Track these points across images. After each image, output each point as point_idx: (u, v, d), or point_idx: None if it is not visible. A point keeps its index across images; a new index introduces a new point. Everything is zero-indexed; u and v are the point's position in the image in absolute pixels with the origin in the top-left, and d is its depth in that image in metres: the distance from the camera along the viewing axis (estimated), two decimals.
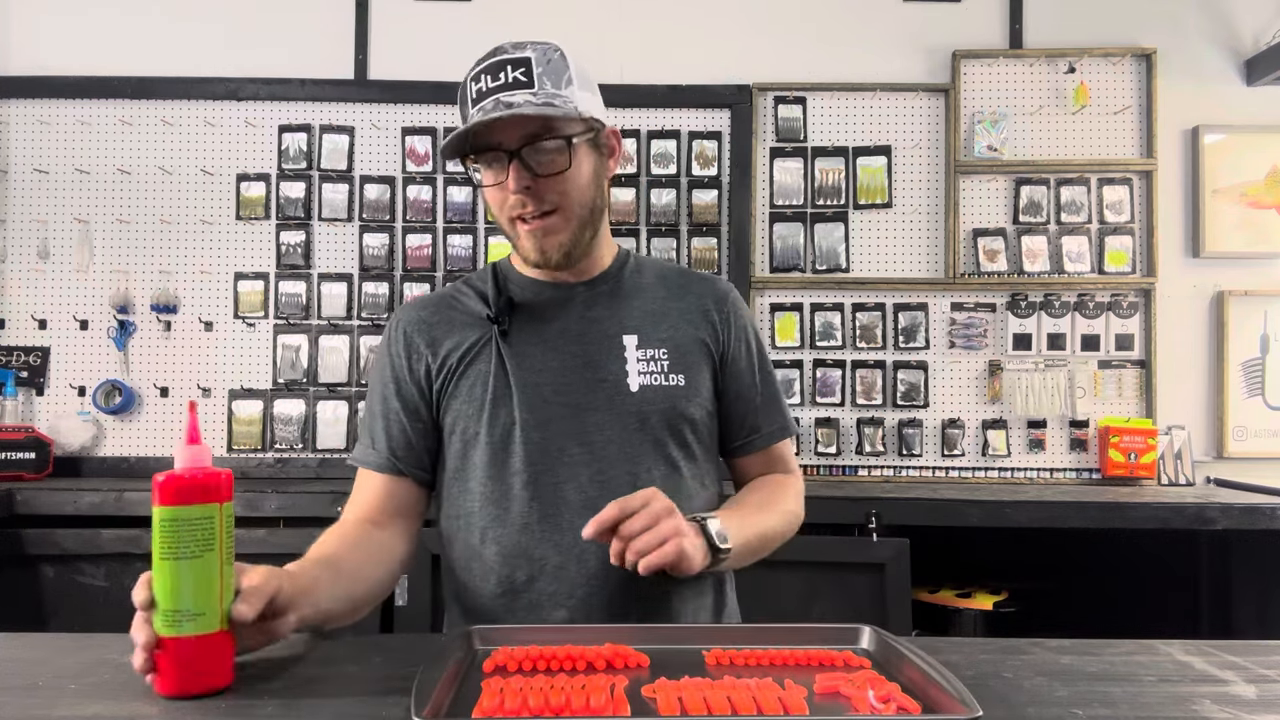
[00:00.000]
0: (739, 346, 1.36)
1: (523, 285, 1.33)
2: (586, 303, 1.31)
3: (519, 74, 1.19)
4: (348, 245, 3.12)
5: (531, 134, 1.19)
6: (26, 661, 1.02)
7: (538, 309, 1.30)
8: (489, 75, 1.21)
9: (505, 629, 1.09)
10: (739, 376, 1.35)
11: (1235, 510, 2.52)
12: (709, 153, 3.13)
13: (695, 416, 1.30)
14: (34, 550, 2.53)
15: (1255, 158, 3.11)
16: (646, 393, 1.26)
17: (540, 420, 1.24)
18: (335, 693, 0.94)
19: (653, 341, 1.29)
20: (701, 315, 1.34)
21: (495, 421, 1.25)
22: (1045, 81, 3.14)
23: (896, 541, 2.53)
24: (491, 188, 1.23)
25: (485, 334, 1.29)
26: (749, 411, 1.36)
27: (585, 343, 1.28)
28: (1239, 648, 1.11)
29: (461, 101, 1.25)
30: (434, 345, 1.30)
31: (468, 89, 1.24)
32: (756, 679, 0.93)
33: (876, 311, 3.11)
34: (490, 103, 1.19)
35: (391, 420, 1.29)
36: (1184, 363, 3.12)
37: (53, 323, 3.09)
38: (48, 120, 3.10)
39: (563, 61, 1.23)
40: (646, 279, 1.36)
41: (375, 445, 1.30)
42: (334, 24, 3.15)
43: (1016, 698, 0.93)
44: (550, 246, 1.24)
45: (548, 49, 1.23)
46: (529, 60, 1.20)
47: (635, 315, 1.31)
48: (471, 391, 1.27)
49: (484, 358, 1.27)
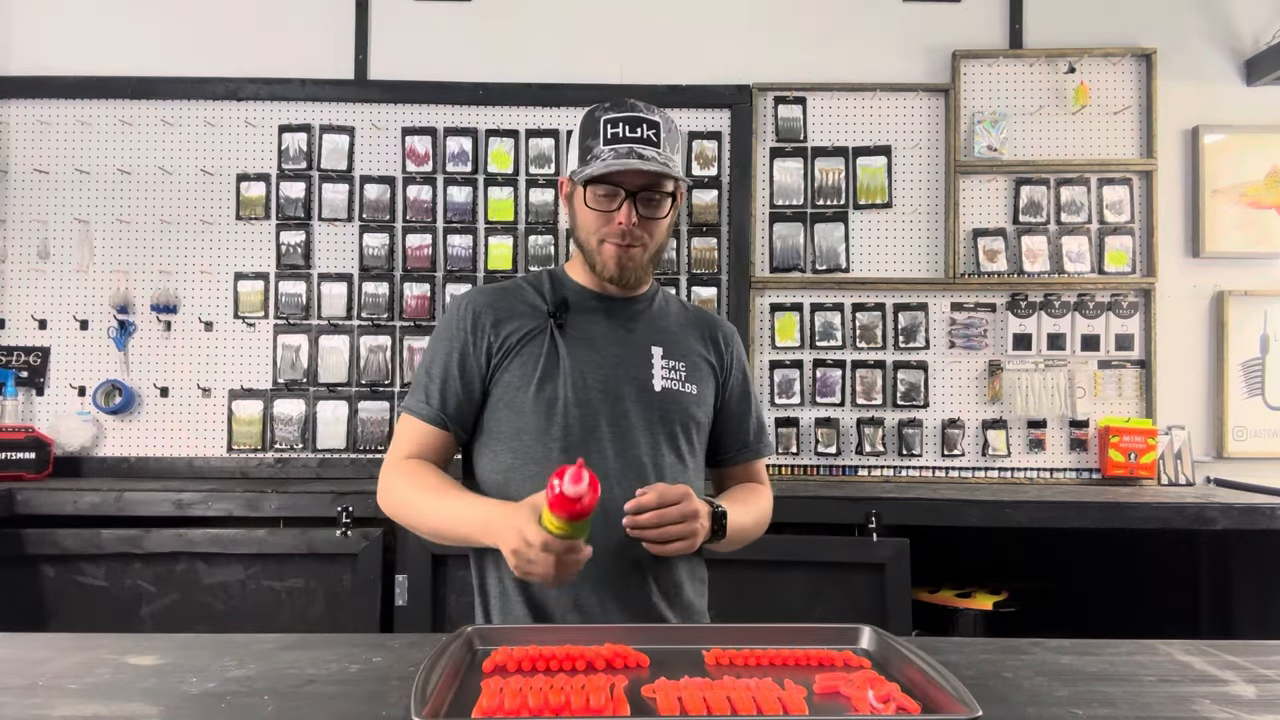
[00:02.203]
0: (736, 375, 1.64)
1: (576, 292, 1.57)
2: (627, 315, 1.57)
3: (651, 134, 1.48)
4: (348, 245, 3.12)
5: (647, 184, 1.46)
6: (26, 661, 1.02)
7: (587, 312, 1.55)
8: (627, 125, 1.48)
9: (505, 629, 1.10)
10: (735, 401, 1.63)
11: (1235, 510, 2.52)
12: (709, 153, 3.13)
13: (700, 421, 1.56)
14: (34, 550, 2.52)
15: (1255, 158, 3.11)
16: (667, 394, 1.52)
17: (581, 400, 1.47)
18: (335, 693, 0.94)
19: (675, 355, 1.56)
20: (710, 344, 1.62)
21: (541, 394, 1.47)
22: (1045, 81, 3.14)
23: (896, 541, 2.53)
24: (598, 211, 1.47)
25: (542, 324, 1.52)
26: (741, 430, 1.64)
27: (623, 346, 1.53)
28: (1239, 648, 1.11)
29: (589, 134, 1.49)
30: (498, 326, 1.51)
31: (601, 127, 1.48)
32: (756, 679, 0.93)
33: (876, 311, 3.11)
34: (625, 149, 1.45)
35: (449, 384, 1.50)
36: (1184, 363, 3.12)
37: (53, 323, 3.09)
38: (48, 120, 3.10)
39: (677, 134, 1.55)
40: (671, 308, 1.64)
41: (430, 401, 1.50)
42: (334, 24, 3.15)
43: (1016, 698, 0.93)
44: (629, 269, 1.50)
45: (670, 121, 1.52)
46: (659, 125, 1.49)
47: (661, 332, 1.58)
48: (524, 368, 1.49)
49: (539, 342, 1.51)
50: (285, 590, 2.55)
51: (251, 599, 2.54)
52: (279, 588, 2.54)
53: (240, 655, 1.05)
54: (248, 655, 1.05)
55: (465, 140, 3.12)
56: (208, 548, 2.51)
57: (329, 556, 2.54)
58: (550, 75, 3.10)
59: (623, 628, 1.09)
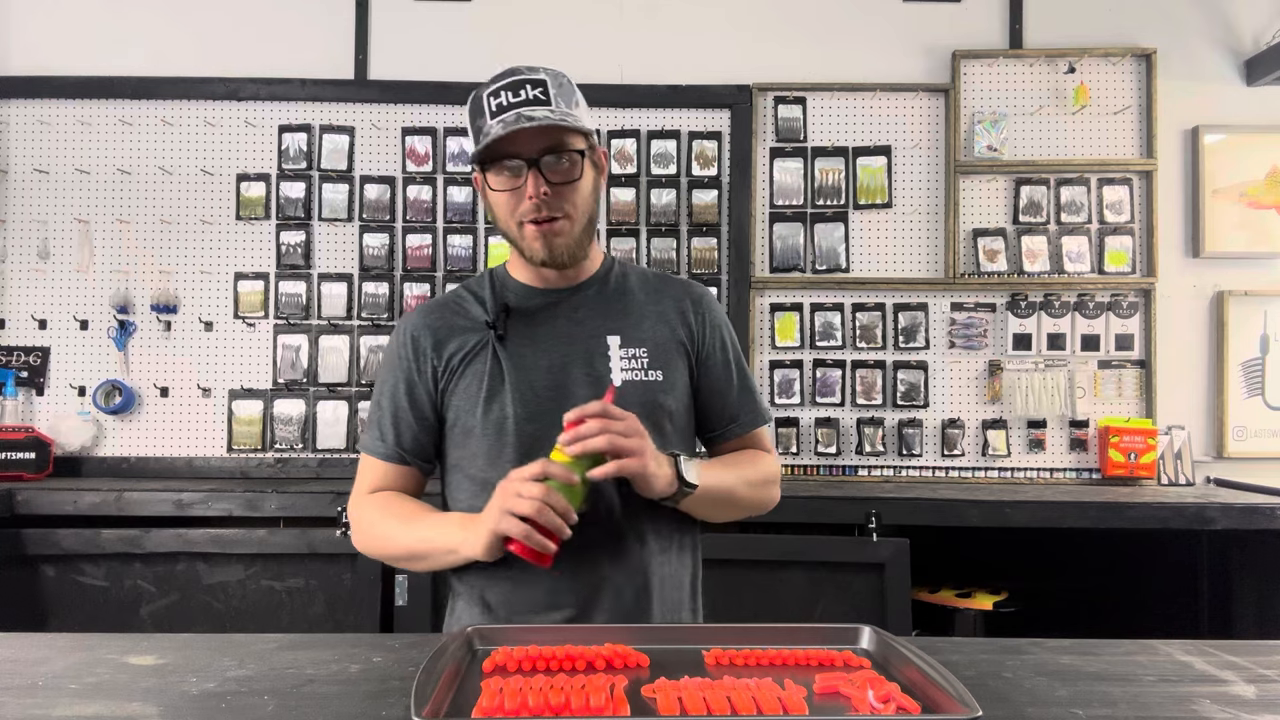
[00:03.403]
0: (713, 343, 1.48)
1: (517, 292, 1.45)
2: (574, 306, 1.44)
3: (538, 93, 1.32)
4: (348, 245, 3.12)
5: (548, 146, 1.32)
6: (26, 661, 1.02)
7: (531, 313, 1.43)
8: (509, 91, 1.33)
9: (505, 629, 1.09)
10: (714, 370, 1.48)
11: (1235, 510, 2.52)
12: (709, 153, 3.13)
13: (672, 408, 1.42)
14: (34, 550, 2.53)
15: (1255, 158, 3.11)
16: (628, 387, 1.38)
17: (532, 413, 1.36)
18: (335, 693, 0.94)
19: (633, 341, 1.42)
20: (679, 316, 1.47)
21: (489, 414, 1.37)
22: (1045, 81, 3.14)
23: (896, 541, 2.53)
24: (504, 192, 1.34)
25: (484, 337, 1.41)
26: (726, 403, 1.48)
27: (573, 343, 1.41)
28: (1239, 648, 1.11)
29: (477, 113, 1.35)
30: (439, 349, 1.42)
31: (485, 103, 1.34)
32: (756, 679, 0.93)
33: (876, 311, 3.11)
34: (512, 116, 1.30)
35: (401, 418, 1.42)
36: (1184, 363, 3.12)
37: (53, 323, 3.09)
38: (48, 120, 3.10)
39: (571, 86, 1.38)
40: (630, 283, 1.49)
41: (384, 439, 1.42)
42: (334, 24, 3.15)
43: (1016, 698, 0.93)
44: (558, 247, 1.36)
45: (559, 74, 1.37)
46: (545, 81, 1.34)
47: (617, 317, 1.44)
48: (469, 389, 1.39)
49: (482, 358, 1.40)
50: (285, 590, 2.55)
51: (251, 599, 2.54)
52: (279, 588, 2.55)
53: (240, 655, 1.05)
54: (247, 655, 1.05)
55: (465, 140, 3.12)
56: (208, 548, 2.52)
57: (329, 556, 2.54)
58: None
59: (623, 628, 1.09)
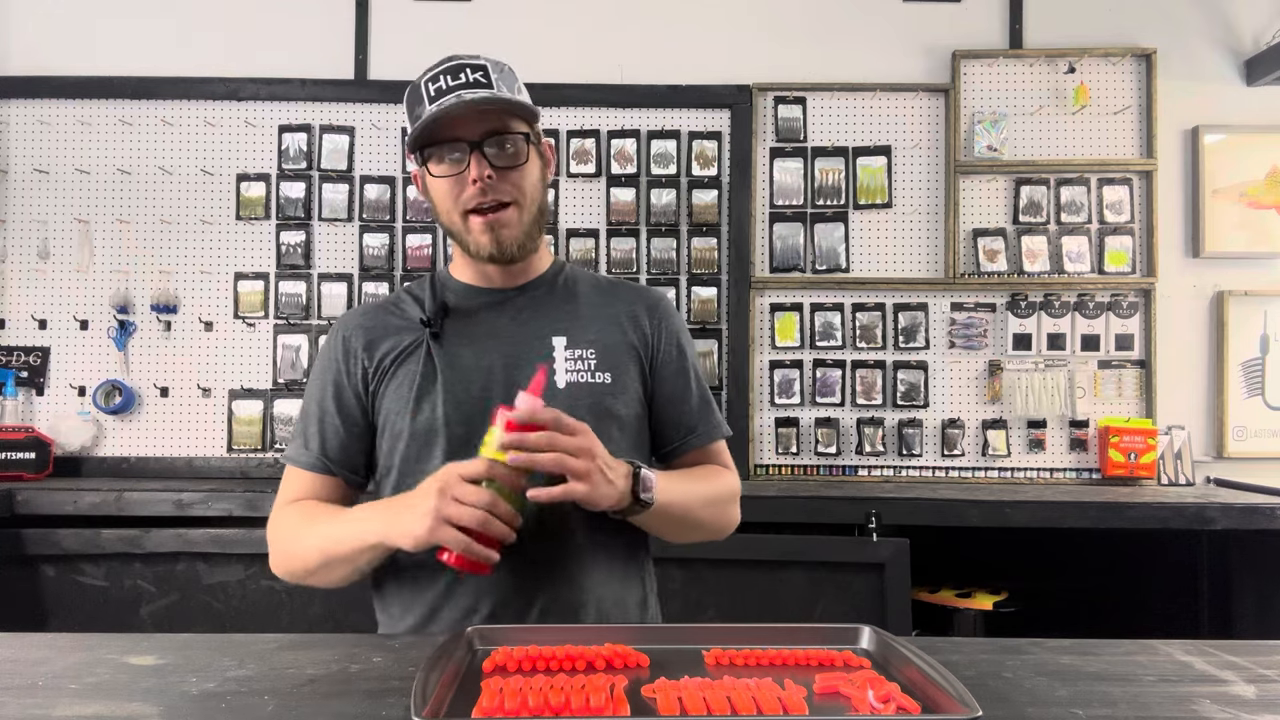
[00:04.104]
0: (669, 351, 1.39)
1: (458, 292, 1.37)
2: (518, 306, 1.36)
3: (478, 76, 1.26)
4: (348, 245, 3.12)
5: (491, 129, 1.25)
6: (26, 661, 1.02)
7: (471, 313, 1.35)
8: (448, 75, 1.26)
9: (505, 629, 1.09)
10: (670, 380, 1.39)
11: (1235, 510, 2.52)
12: (709, 153, 3.13)
13: (621, 414, 1.32)
14: (34, 550, 2.52)
15: (1255, 158, 3.11)
16: (573, 389, 1.29)
17: (464, 416, 1.26)
18: (335, 693, 0.94)
19: (581, 343, 1.33)
20: (631, 321, 1.38)
21: (418, 416, 1.28)
22: (1045, 81, 3.14)
23: (896, 541, 2.53)
24: (445, 179, 1.27)
25: (418, 337, 1.32)
26: (683, 414, 1.39)
27: (515, 343, 1.32)
28: (1239, 648, 1.11)
29: (415, 101, 1.29)
30: (370, 349, 1.34)
31: (424, 89, 1.28)
32: (756, 679, 0.93)
33: (876, 311, 3.11)
34: (452, 98, 1.24)
35: (327, 423, 1.33)
36: (1184, 363, 3.12)
37: (53, 323, 3.08)
38: (48, 120, 3.10)
39: (513, 74, 1.32)
40: (579, 287, 1.41)
41: (308, 446, 1.33)
42: (334, 24, 3.15)
43: (1016, 698, 0.93)
44: (505, 239, 1.28)
45: (500, 63, 1.31)
46: (485, 66, 1.28)
47: (565, 318, 1.35)
48: (399, 390, 1.31)
49: (414, 359, 1.31)
50: (285, 590, 2.54)
51: (251, 599, 2.53)
52: (279, 588, 2.54)
53: (240, 655, 1.05)
54: (247, 655, 1.05)
55: None
56: (208, 548, 2.51)
57: None
58: (550, 75, 3.09)
59: (623, 628, 1.09)
